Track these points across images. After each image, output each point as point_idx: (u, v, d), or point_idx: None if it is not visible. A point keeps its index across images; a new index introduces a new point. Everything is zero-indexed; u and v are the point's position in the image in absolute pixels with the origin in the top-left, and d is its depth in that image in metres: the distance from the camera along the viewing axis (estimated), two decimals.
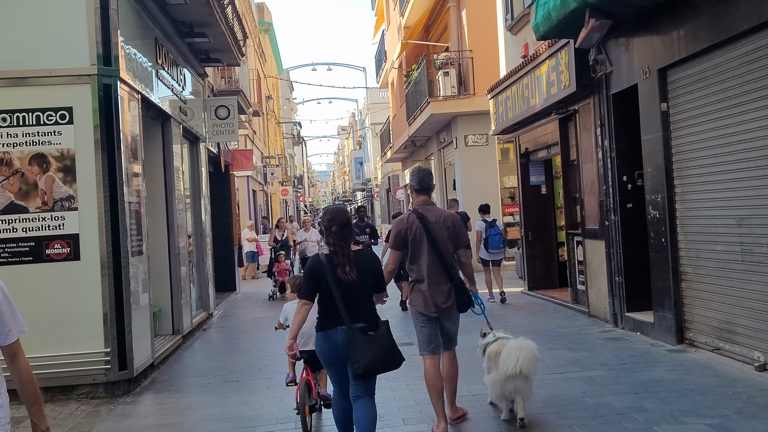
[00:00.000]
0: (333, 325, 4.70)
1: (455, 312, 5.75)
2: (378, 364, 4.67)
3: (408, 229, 5.66)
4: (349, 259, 4.75)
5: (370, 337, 4.67)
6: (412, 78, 22.08)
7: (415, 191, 5.88)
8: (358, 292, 4.75)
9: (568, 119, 11.68)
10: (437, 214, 5.75)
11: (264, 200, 29.99)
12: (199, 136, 13.06)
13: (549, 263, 14.18)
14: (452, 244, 5.71)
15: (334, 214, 4.88)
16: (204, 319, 12.70)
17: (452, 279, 5.66)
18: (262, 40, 36.46)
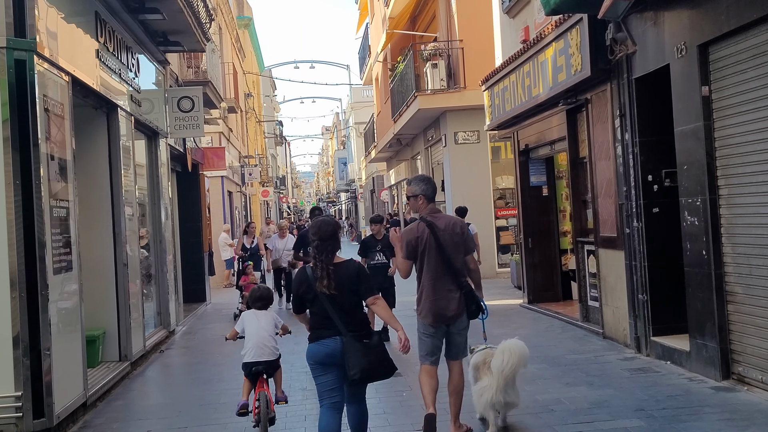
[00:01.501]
0: (328, 335, 4.77)
1: (464, 320, 5.67)
2: (373, 371, 4.76)
3: (419, 238, 5.63)
4: (327, 272, 4.77)
5: (364, 344, 4.76)
6: (398, 71, 20.60)
7: (427, 199, 5.81)
8: (346, 302, 4.82)
9: (577, 110, 10.24)
10: (446, 221, 5.75)
11: (242, 202, 28.40)
12: (159, 130, 11.50)
13: (551, 273, 12.74)
14: (462, 251, 5.67)
15: (318, 226, 4.92)
16: (163, 338, 11.14)
17: (462, 287, 5.60)
18: (241, 35, 34.89)
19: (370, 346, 4.77)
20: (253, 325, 5.98)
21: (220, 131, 21.26)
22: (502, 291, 15.25)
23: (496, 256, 17.98)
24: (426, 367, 5.64)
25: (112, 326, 8.86)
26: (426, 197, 5.82)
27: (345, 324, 4.75)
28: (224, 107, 21.73)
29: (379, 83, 28.82)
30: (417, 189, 5.84)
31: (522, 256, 13.05)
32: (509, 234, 18.05)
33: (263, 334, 5.91)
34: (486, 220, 17.85)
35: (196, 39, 11.05)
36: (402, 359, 5.90)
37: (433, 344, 5.66)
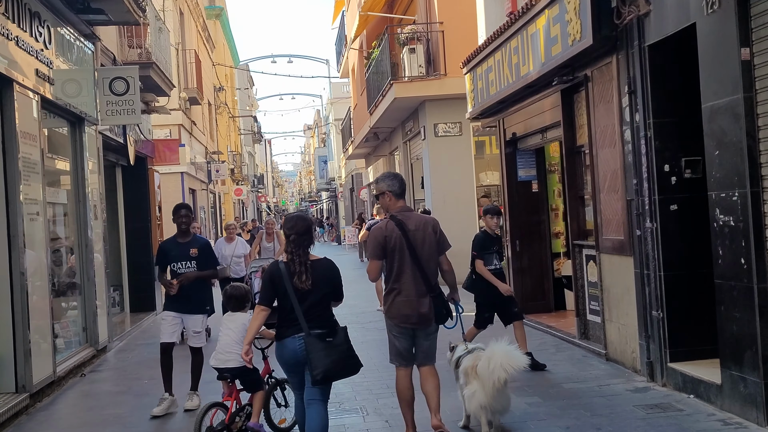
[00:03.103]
0: (291, 332, 4.76)
1: (433, 325, 5.50)
2: (336, 370, 4.75)
3: (387, 237, 5.43)
4: (305, 267, 4.77)
5: (328, 343, 4.73)
6: (373, 57, 19.00)
7: (395, 196, 5.60)
8: (316, 300, 4.79)
9: (574, 90, 8.70)
10: (417, 220, 5.55)
11: (210, 201, 26.68)
12: (86, 116, 9.84)
13: (542, 280, 11.19)
14: (434, 251, 5.50)
15: (293, 222, 4.93)
16: (89, 358, 9.48)
17: (431, 290, 5.42)
18: (212, 26, 33.16)
19: (333, 344, 4.73)
20: (222, 327, 5.76)
21: (179, 123, 19.57)
22: None
23: None
24: (400, 373, 5.50)
25: (7, 351, 7.21)
26: (393, 194, 5.58)
27: (308, 321, 4.71)
28: (184, 97, 20.05)
29: (355, 74, 27.20)
30: (384, 186, 5.60)
31: (508, 260, 11.47)
32: None
33: (227, 340, 5.64)
34: (469, 220, 16.26)
35: (126, 8, 9.38)
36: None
37: (404, 346, 5.48)
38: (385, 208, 5.68)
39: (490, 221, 7.87)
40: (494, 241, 7.94)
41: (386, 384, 7.32)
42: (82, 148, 9.77)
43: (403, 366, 5.49)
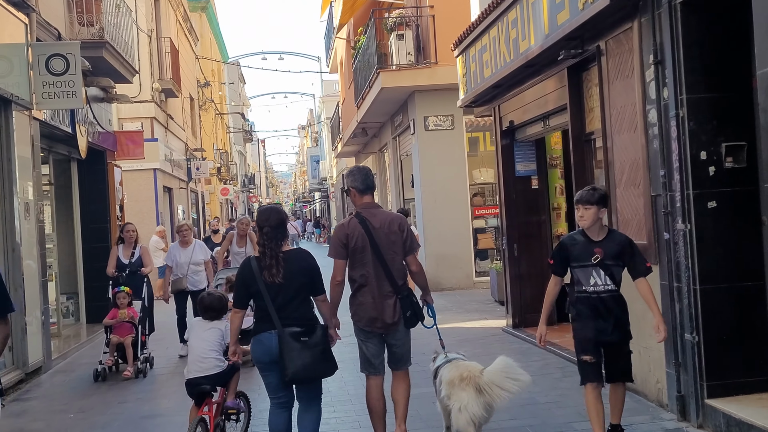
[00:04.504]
0: (266, 328, 4.60)
1: (401, 329, 5.20)
2: (305, 373, 4.56)
3: (349, 235, 5.16)
4: (276, 260, 4.60)
5: (302, 343, 4.55)
6: (359, 46, 17.65)
7: (359, 192, 5.29)
8: (290, 294, 4.61)
9: (583, 67, 7.37)
10: (382, 218, 5.24)
11: (191, 200, 25.27)
12: (15, 99, 8.47)
13: (542, 288, 9.63)
14: (400, 251, 5.20)
15: (266, 214, 4.75)
16: (13, 383, 8.09)
17: (398, 291, 5.16)
18: (197, 18, 31.85)
19: (308, 344, 4.56)
20: (195, 335, 5.47)
21: (151, 116, 18.18)
22: (480, 306, 12.38)
23: (473, 262, 15.05)
24: (370, 382, 5.24)
25: None
26: (357, 190, 5.29)
27: (282, 318, 4.56)
28: (157, 88, 18.67)
29: (342, 67, 25.84)
30: (348, 181, 5.36)
31: (505, 265, 10.14)
32: (488, 237, 15.16)
33: (203, 347, 5.36)
34: (461, 220, 14.96)
35: None
36: None
37: (368, 351, 5.22)
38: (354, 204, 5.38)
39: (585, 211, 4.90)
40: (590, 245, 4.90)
41: None
42: (9, 136, 8.41)
43: (372, 374, 5.24)
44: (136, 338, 8.57)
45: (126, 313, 8.62)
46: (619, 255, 4.85)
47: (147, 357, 8.77)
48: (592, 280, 4.86)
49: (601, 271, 4.82)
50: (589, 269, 4.85)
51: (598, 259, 4.83)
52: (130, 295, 8.66)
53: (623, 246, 4.89)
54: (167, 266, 9.68)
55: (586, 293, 4.88)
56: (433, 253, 14.49)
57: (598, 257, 4.82)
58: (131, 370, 8.34)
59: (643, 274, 4.86)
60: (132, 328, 8.61)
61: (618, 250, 4.86)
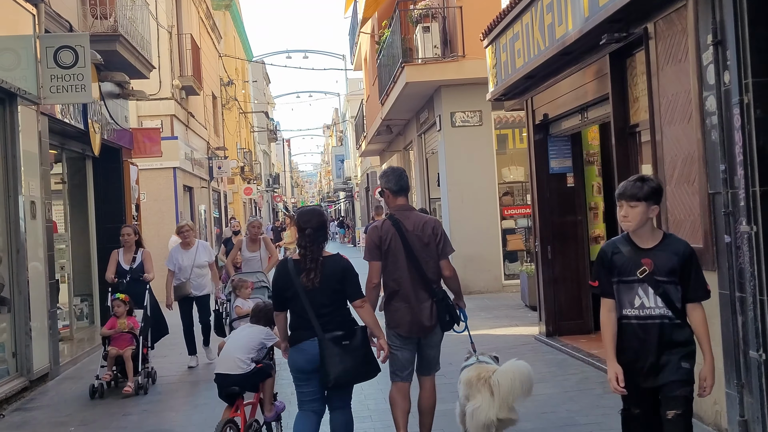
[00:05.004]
0: (306, 336, 4.52)
1: (437, 332, 5.12)
2: (348, 377, 4.50)
3: (382, 237, 5.07)
4: (316, 264, 4.51)
5: (344, 347, 4.48)
6: (383, 40, 17.09)
7: (392, 193, 5.24)
8: (328, 299, 4.52)
9: (627, 52, 6.75)
10: (416, 220, 5.15)
11: (213, 200, 24.88)
12: (20, 93, 8.03)
13: (578, 294, 9.19)
14: (434, 254, 5.09)
15: (308, 216, 4.67)
16: (16, 391, 7.64)
17: (434, 295, 5.06)
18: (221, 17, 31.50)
19: (348, 348, 4.48)
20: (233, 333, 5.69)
21: (171, 113, 17.77)
22: (509, 312, 11.75)
23: (502, 265, 14.41)
24: (397, 385, 5.14)
25: None
26: (391, 192, 5.25)
27: (322, 324, 4.48)
28: (177, 85, 18.26)
29: (367, 63, 25.31)
30: (381, 183, 5.33)
31: (537, 268, 9.52)
32: (518, 238, 14.51)
33: (233, 345, 5.43)
34: (490, 220, 14.33)
35: None
36: None
37: (404, 357, 5.11)
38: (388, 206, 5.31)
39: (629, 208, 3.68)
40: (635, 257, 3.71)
41: None
42: (14, 131, 7.97)
43: (400, 380, 5.12)
44: (137, 351, 7.83)
45: (125, 323, 7.86)
46: (675, 269, 3.62)
47: (149, 371, 8.03)
48: (638, 300, 3.66)
49: (650, 288, 3.63)
50: (635, 286, 3.66)
51: (646, 273, 3.62)
52: (127, 303, 7.93)
53: (682, 257, 3.65)
54: (169, 271, 8.90)
55: (630, 318, 3.69)
56: (459, 255, 13.74)
57: (645, 270, 3.63)
58: (131, 386, 7.61)
59: (701, 299, 3.69)
60: (132, 340, 7.85)
61: (675, 262, 3.63)
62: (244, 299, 7.70)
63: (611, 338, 3.71)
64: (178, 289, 8.85)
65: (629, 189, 3.67)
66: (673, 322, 3.64)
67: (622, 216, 3.70)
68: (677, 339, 3.64)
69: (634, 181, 3.70)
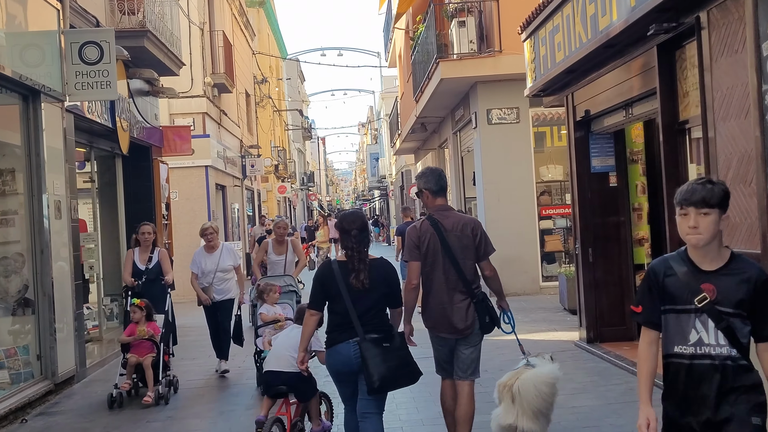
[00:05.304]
0: (345, 337, 4.49)
1: (476, 335, 5.02)
2: (393, 378, 4.46)
3: (421, 238, 5.04)
4: (365, 265, 4.51)
5: (385, 349, 4.45)
6: (418, 34, 16.74)
7: (432, 193, 5.17)
8: (372, 301, 4.52)
9: (677, 43, 6.33)
10: (455, 220, 5.10)
11: (244, 198, 24.77)
12: (44, 90, 7.87)
13: (621, 299, 8.75)
14: (473, 255, 5.04)
15: (352, 217, 4.71)
16: (40, 395, 7.47)
17: (472, 296, 4.98)
18: (255, 14, 31.44)
19: (390, 350, 4.45)
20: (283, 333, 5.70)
21: (203, 111, 17.63)
22: (548, 315, 11.33)
23: (540, 266, 13.98)
24: (443, 384, 5.19)
25: None
26: (430, 192, 5.17)
27: (363, 325, 4.44)
28: (209, 83, 18.13)
29: (401, 60, 24.97)
30: (420, 183, 5.25)
31: (578, 271, 9.11)
32: (556, 239, 14.06)
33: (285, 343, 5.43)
34: (527, 220, 13.90)
35: None
36: None
37: (440, 355, 5.12)
38: (425, 206, 5.29)
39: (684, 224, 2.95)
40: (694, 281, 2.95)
41: None
42: (38, 129, 7.79)
43: (446, 378, 5.16)
44: (158, 358, 7.40)
45: (145, 330, 7.42)
46: (744, 300, 2.87)
47: (170, 380, 7.61)
48: (694, 335, 2.91)
49: (710, 321, 2.88)
50: (691, 317, 2.92)
51: (706, 301, 2.87)
52: (144, 308, 7.51)
53: (754, 286, 2.87)
54: (192, 274, 8.51)
55: (682, 358, 2.93)
56: (496, 256, 13.13)
57: (706, 298, 2.88)
58: (151, 396, 7.17)
59: None
60: (152, 347, 7.42)
61: (744, 291, 2.87)
62: (270, 305, 7.39)
63: (647, 376, 2.99)
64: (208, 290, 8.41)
65: (699, 192, 2.88)
66: (738, 364, 2.87)
67: (689, 228, 2.88)
68: (744, 385, 2.86)
69: (702, 183, 2.92)
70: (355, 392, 4.56)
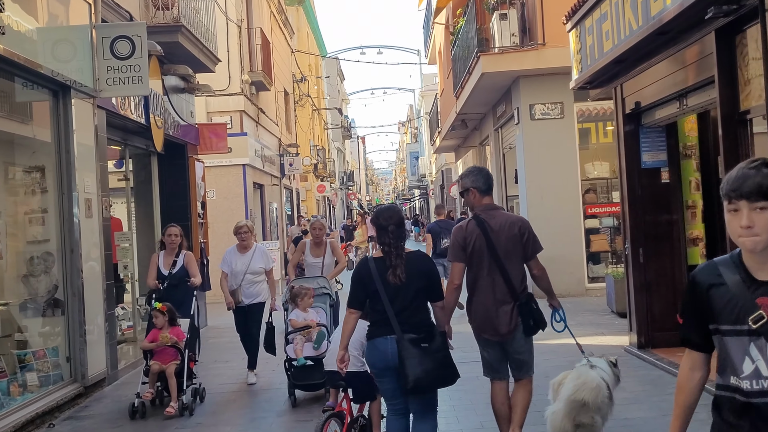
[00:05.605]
0: (383, 332, 4.45)
1: (520, 336, 4.94)
2: (428, 380, 4.36)
3: (467, 238, 4.97)
4: (402, 260, 4.45)
5: (423, 349, 4.37)
6: (458, 29, 16.34)
7: (480, 192, 5.09)
8: (410, 298, 4.44)
9: (737, 27, 5.86)
10: (502, 219, 5.03)
11: (283, 197, 24.64)
12: (74, 85, 7.69)
13: (674, 302, 8.24)
14: (520, 255, 4.96)
15: (389, 212, 4.63)
16: (69, 398, 7.29)
17: (516, 298, 4.90)
18: (294, 12, 31.35)
19: (428, 351, 4.36)
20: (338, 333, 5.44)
21: (241, 109, 17.48)
22: (595, 318, 10.86)
23: (586, 267, 13.49)
24: (494, 386, 5.09)
25: None
26: (478, 190, 5.07)
27: (401, 323, 4.38)
28: (247, 80, 17.97)
29: (441, 56, 24.57)
30: (467, 182, 5.12)
31: (627, 272, 8.65)
32: (602, 238, 13.54)
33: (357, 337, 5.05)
34: (572, 219, 13.42)
35: None
36: None
37: (492, 357, 5.03)
38: (470, 206, 5.21)
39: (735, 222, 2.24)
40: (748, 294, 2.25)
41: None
42: (68, 126, 7.62)
43: (496, 379, 5.07)
44: (182, 366, 6.95)
45: (167, 336, 6.96)
46: None
47: (196, 388, 7.20)
48: (749, 364, 2.22)
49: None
50: (744, 341, 2.23)
51: (764, 321, 2.18)
52: (166, 313, 7.08)
53: None
54: (222, 273, 8.15)
55: (734, 392, 2.26)
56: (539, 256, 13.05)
57: (763, 317, 2.18)
58: (175, 407, 6.72)
59: None
60: (176, 354, 6.98)
61: None
62: (302, 310, 7.06)
63: (683, 409, 2.40)
64: (232, 296, 8.04)
65: (752, 179, 2.16)
66: None
67: (742, 227, 2.17)
68: None
69: (756, 166, 2.19)
70: (396, 389, 4.48)
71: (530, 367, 5.10)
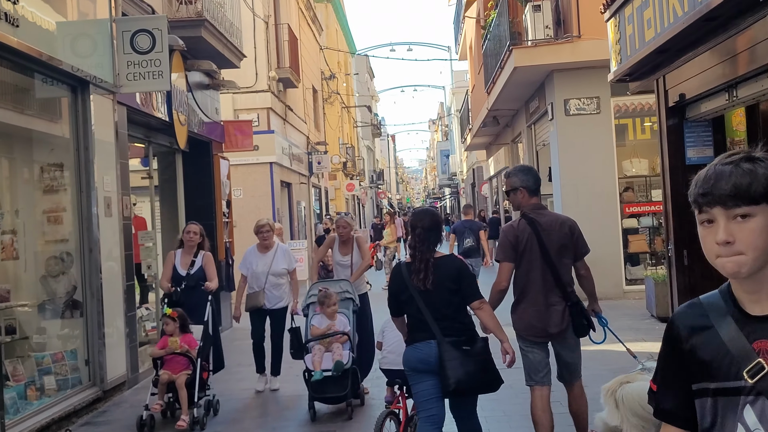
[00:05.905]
0: (423, 338, 4.38)
1: (572, 337, 4.89)
2: (471, 382, 4.30)
3: (518, 237, 4.91)
4: (426, 265, 4.37)
5: (464, 351, 4.31)
6: (489, 22, 15.92)
7: (530, 192, 4.99)
8: (443, 302, 4.37)
9: None
10: (551, 219, 5.00)
11: (311, 196, 24.40)
12: (94, 80, 7.46)
13: None
14: (570, 254, 4.91)
15: (421, 215, 4.60)
16: (87, 402, 7.06)
17: (567, 298, 4.84)
18: (323, 9, 31.12)
19: (470, 353, 4.31)
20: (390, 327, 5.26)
21: (267, 107, 17.24)
22: (634, 323, 10.40)
23: (623, 269, 13.00)
24: (536, 392, 4.87)
25: None
26: (528, 190, 5.00)
27: (441, 328, 4.32)
28: (274, 77, 17.72)
29: (472, 51, 24.13)
30: (516, 181, 5.03)
31: (670, 275, 8.22)
32: (641, 239, 13.03)
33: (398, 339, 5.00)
34: (609, 219, 12.94)
35: None
36: None
37: (537, 360, 4.87)
38: (516, 205, 5.15)
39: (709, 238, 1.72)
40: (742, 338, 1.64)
41: None
42: (86, 122, 7.39)
43: (538, 385, 4.90)
44: (193, 376, 6.43)
45: (177, 343, 6.48)
46: None
47: (210, 400, 6.73)
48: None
49: None
50: (739, 402, 1.58)
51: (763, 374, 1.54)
52: (177, 319, 6.61)
53: None
54: (242, 276, 7.77)
55: None
56: None
57: (763, 368, 1.55)
58: (186, 420, 6.21)
59: None
60: (188, 363, 6.47)
61: None
62: (328, 317, 6.70)
63: None
64: (249, 299, 7.66)
65: (726, 178, 1.62)
66: None
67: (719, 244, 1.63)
68: None
69: (734, 162, 1.64)
70: (432, 394, 4.40)
71: (579, 371, 5.03)
